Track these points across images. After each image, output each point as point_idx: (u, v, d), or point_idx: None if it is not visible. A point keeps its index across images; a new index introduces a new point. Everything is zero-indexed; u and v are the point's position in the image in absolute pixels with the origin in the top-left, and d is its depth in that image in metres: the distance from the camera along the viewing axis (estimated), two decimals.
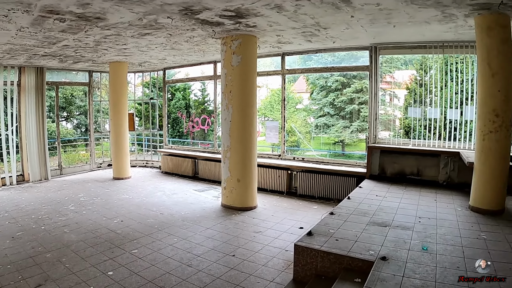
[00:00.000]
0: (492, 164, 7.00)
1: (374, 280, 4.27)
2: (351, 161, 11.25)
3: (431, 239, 5.64)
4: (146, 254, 6.42)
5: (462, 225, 6.37)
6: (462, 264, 4.80)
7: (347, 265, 4.98)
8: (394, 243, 5.43)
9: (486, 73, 6.93)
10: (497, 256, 5.11)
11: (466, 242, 5.61)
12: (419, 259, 4.91)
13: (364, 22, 7.65)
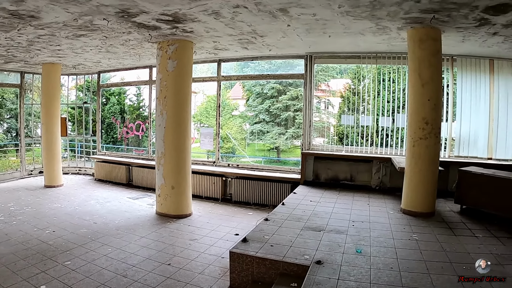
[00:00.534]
0: (422, 169, 7.36)
1: (310, 284, 4.33)
2: (285, 167, 11.40)
3: (365, 242, 5.81)
4: (79, 265, 6.13)
5: (395, 227, 6.63)
6: (395, 264, 4.99)
7: (283, 270, 5.01)
8: (328, 247, 5.53)
9: (417, 83, 7.30)
10: (429, 255, 5.38)
11: (399, 243, 5.84)
12: (354, 261, 5.03)
13: (301, 31, 7.79)
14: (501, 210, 7.18)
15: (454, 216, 7.54)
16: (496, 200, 7.21)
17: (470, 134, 9.69)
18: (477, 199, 7.53)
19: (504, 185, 7.11)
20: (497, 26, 6.82)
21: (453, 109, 9.86)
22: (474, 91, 9.67)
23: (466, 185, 7.68)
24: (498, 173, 7.53)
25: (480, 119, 9.71)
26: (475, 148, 9.72)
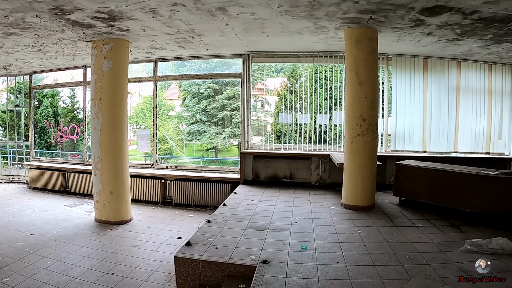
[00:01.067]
0: (361, 164, 7.58)
1: (258, 284, 4.31)
2: (225, 167, 11.34)
3: (309, 238, 5.88)
4: (19, 281, 5.70)
5: (337, 222, 6.78)
6: (341, 259, 5.09)
7: (230, 272, 4.96)
8: (273, 246, 5.54)
9: (354, 81, 7.50)
10: (373, 248, 5.56)
11: (342, 238, 5.97)
12: (300, 258, 5.07)
13: (239, 31, 7.79)
14: (438, 200, 7.61)
15: (393, 208, 7.86)
16: (433, 191, 7.64)
17: (405, 129, 10.16)
18: (415, 191, 7.92)
19: (440, 176, 7.56)
20: (432, 27, 7.16)
21: (388, 106, 10.27)
22: (409, 88, 10.13)
23: (404, 178, 8.07)
24: (434, 165, 7.99)
25: (414, 114, 10.20)
26: (410, 142, 10.22)
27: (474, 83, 10.67)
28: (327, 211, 7.54)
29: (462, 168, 7.78)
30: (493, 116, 10.92)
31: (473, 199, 7.17)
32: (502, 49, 8.90)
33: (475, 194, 7.16)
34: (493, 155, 10.96)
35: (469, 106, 10.68)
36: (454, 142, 10.64)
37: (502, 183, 6.97)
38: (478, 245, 5.61)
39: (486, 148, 10.93)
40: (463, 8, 6.07)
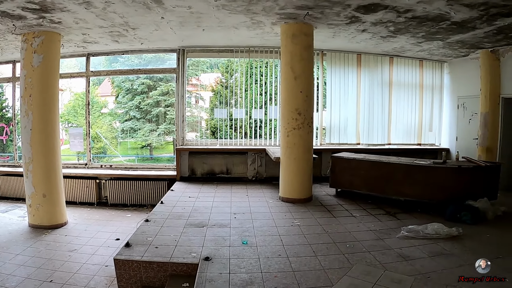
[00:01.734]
0: (297, 158, 7.70)
1: (202, 282, 4.26)
2: (160, 164, 11.16)
3: (249, 233, 5.90)
4: None
5: (276, 216, 6.86)
6: (282, 251, 5.16)
7: (172, 272, 4.87)
8: (214, 242, 5.51)
9: (289, 76, 7.60)
10: (313, 239, 5.69)
11: (282, 230, 6.05)
12: (242, 253, 5.08)
13: (174, 24, 7.65)
14: (373, 190, 7.99)
15: (331, 199, 8.11)
16: (368, 181, 7.97)
17: (340, 122, 10.46)
18: (350, 182, 8.22)
19: (375, 167, 7.91)
20: (367, 24, 7.38)
21: (323, 100, 10.50)
22: (343, 83, 10.43)
23: (339, 170, 8.32)
24: (369, 156, 8.33)
25: (349, 108, 10.53)
26: (345, 135, 10.54)
27: (406, 78, 11.20)
28: (265, 205, 7.61)
29: (396, 159, 8.16)
30: (424, 109, 11.52)
31: (407, 188, 7.57)
32: (433, 46, 9.35)
33: (409, 183, 7.55)
34: (425, 146, 11.60)
35: (401, 100, 11.20)
36: (388, 134, 11.11)
37: (434, 172, 7.43)
38: (414, 231, 5.92)
39: (417, 139, 11.50)
40: (397, 7, 6.29)
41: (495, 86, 9.41)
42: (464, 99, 10.92)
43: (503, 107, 9.45)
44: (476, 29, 7.43)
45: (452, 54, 10.38)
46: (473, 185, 7.46)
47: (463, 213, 6.79)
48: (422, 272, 4.66)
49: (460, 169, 7.45)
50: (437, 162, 7.68)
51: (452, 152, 11.19)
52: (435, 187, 7.44)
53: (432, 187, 7.45)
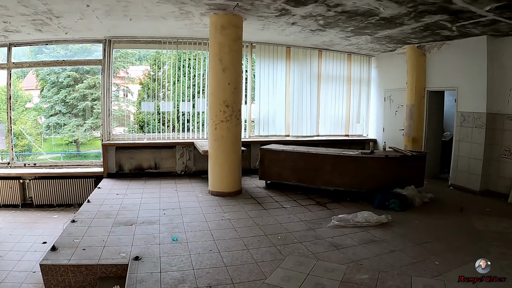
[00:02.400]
0: (226, 151, 7.61)
1: (132, 284, 4.05)
2: (86, 161, 10.56)
3: (179, 229, 5.73)
4: None
5: (206, 210, 6.74)
6: (214, 247, 5.05)
7: (101, 274, 4.60)
8: (144, 241, 5.27)
9: (217, 67, 7.47)
10: (244, 232, 5.64)
11: (213, 225, 5.94)
12: (172, 251, 4.90)
13: (100, 13, 7.24)
14: (303, 181, 8.10)
15: (260, 191, 8.11)
16: (297, 173, 8.05)
17: (269, 114, 10.48)
18: (280, 174, 8.25)
19: (303, 158, 7.97)
20: (296, 17, 7.36)
21: (252, 92, 10.44)
22: (272, 75, 10.44)
23: (269, 162, 8.33)
24: (297, 148, 8.43)
25: (277, 100, 10.56)
26: (274, 127, 10.59)
27: (335, 71, 11.41)
28: (195, 199, 7.46)
29: (325, 150, 8.32)
30: (352, 101, 11.83)
31: (336, 178, 7.73)
32: (362, 41, 9.54)
33: (338, 174, 7.71)
34: (353, 137, 11.94)
35: (330, 92, 11.42)
36: (316, 126, 11.29)
37: (362, 162, 7.65)
38: (345, 220, 6.01)
39: (346, 131, 11.80)
40: (328, 1, 6.28)
41: (421, 79, 9.83)
42: (390, 92, 11.30)
43: (428, 100, 9.89)
44: (404, 25, 7.62)
45: (379, 49, 10.68)
46: (400, 174, 7.73)
47: (392, 201, 7.01)
48: (354, 259, 4.74)
49: (388, 158, 7.68)
50: (365, 153, 7.88)
51: (379, 142, 11.57)
52: (364, 176, 7.66)
53: (361, 177, 7.67)
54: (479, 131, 8.49)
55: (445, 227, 6.14)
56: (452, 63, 9.04)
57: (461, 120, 8.93)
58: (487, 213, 7.08)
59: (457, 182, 9.05)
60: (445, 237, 5.70)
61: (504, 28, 7.41)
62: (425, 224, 6.28)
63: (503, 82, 8.15)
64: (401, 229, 5.94)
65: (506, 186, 8.16)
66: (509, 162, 8.16)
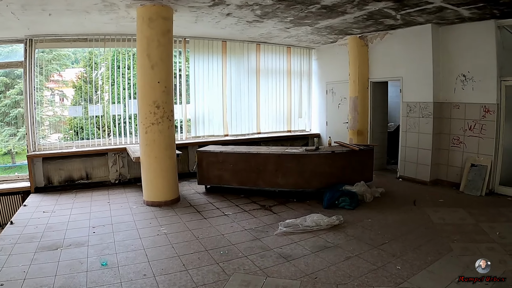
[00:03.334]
0: (159, 156, 6.94)
1: None
2: (11, 175, 9.42)
3: (110, 250, 5.02)
4: None
5: (140, 224, 6.04)
6: (148, 270, 4.40)
7: None
8: (69, 268, 4.51)
9: (146, 64, 6.75)
10: (182, 249, 5.02)
11: (147, 242, 5.27)
12: (101, 279, 4.20)
13: (16, 8, 6.39)
14: (245, 183, 7.56)
15: (200, 198, 7.51)
16: (238, 175, 7.53)
17: (205, 114, 9.89)
18: (220, 177, 7.69)
19: (244, 159, 7.47)
20: (231, 7, 6.79)
21: (187, 91, 9.77)
22: (208, 71, 9.85)
23: (207, 165, 7.74)
24: (237, 148, 7.93)
25: (214, 98, 9.98)
26: (211, 127, 10.03)
27: (274, 65, 10.98)
28: (128, 212, 6.74)
29: (266, 149, 7.84)
30: (293, 96, 11.45)
31: (280, 178, 7.29)
32: (302, 32, 9.14)
33: (282, 173, 7.27)
34: (295, 132, 11.53)
35: (270, 87, 10.98)
36: (257, 123, 10.80)
37: (307, 159, 7.21)
38: (293, 226, 5.53)
39: (288, 126, 11.39)
40: None
41: (364, 71, 9.61)
42: (332, 85, 11.06)
43: (372, 91, 9.67)
44: (347, 13, 7.27)
45: (320, 40, 10.35)
46: (348, 170, 7.44)
47: (341, 199, 6.66)
48: (307, 272, 4.26)
49: (334, 154, 7.33)
50: (309, 149, 7.48)
51: (323, 137, 11.37)
52: (310, 175, 7.25)
53: (307, 175, 7.26)
54: (426, 121, 8.36)
55: (401, 224, 5.87)
56: (396, 53, 8.92)
57: (407, 111, 8.76)
58: (441, 204, 6.94)
59: (406, 174, 8.91)
60: (402, 235, 5.39)
61: (450, 15, 7.25)
62: (379, 222, 5.95)
63: (450, 71, 8.11)
64: (355, 231, 5.56)
65: (456, 175, 8.16)
66: (458, 151, 8.16)
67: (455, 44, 7.96)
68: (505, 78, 7.35)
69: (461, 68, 7.90)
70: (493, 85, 7.43)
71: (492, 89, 7.44)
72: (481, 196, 7.44)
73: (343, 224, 5.73)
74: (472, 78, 7.75)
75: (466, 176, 7.82)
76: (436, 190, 7.89)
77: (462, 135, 8.01)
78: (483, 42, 7.49)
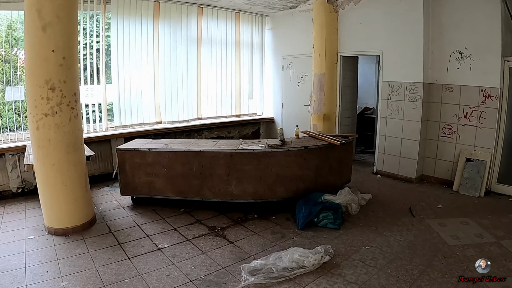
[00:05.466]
0: (58, 163, 4.63)
1: None
2: None
3: None
4: None
5: (33, 275, 3.80)
6: None
7: None
8: None
9: (35, 24, 4.34)
10: None
11: None
12: None
13: None
14: (186, 193, 5.55)
15: (124, 216, 5.41)
16: (175, 182, 5.51)
17: (132, 96, 7.66)
18: (150, 185, 5.59)
19: (181, 160, 5.44)
20: None
21: (107, 67, 7.45)
22: (134, 42, 7.61)
23: (132, 168, 5.61)
24: (172, 145, 5.74)
25: (143, 76, 7.76)
26: (140, 113, 7.83)
27: (220, 34, 8.92)
28: (21, 248, 4.44)
29: (212, 144, 5.79)
30: (242, 73, 9.53)
31: (234, 186, 5.39)
32: None
33: (237, 179, 5.39)
34: (245, 117, 9.66)
35: (214, 62, 8.97)
36: (197, 106, 8.77)
37: (271, 159, 5.34)
38: (264, 270, 3.70)
39: (236, 110, 9.55)
40: None
41: (332, 43, 7.97)
42: (290, 59, 9.26)
43: (342, 67, 8.01)
44: None
45: (278, 5, 8.56)
46: (324, 171, 5.70)
47: (322, 215, 4.91)
48: None
49: (307, 151, 5.45)
50: (273, 145, 5.52)
51: (277, 122, 9.74)
52: (275, 180, 5.38)
53: (270, 181, 5.38)
54: (414, 105, 6.87)
55: (411, 252, 4.30)
56: (375, 22, 7.39)
57: (389, 92, 7.17)
58: (442, 212, 5.61)
59: (385, 169, 7.46)
60: (421, 274, 3.85)
61: None
62: (381, 251, 4.31)
63: (441, 47, 6.67)
64: (355, 271, 3.82)
65: (447, 171, 6.85)
66: (450, 142, 6.76)
67: (451, 14, 6.48)
68: (509, 58, 5.98)
69: (456, 43, 6.46)
70: (495, 66, 6.04)
71: (495, 70, 6.06)
72: (480, 197, 6.19)
73: (335, 260, 3.98)
74: (470, 56, 6.32)
75: (461, 173, 6.48)
76: (426, 191, 6.55)
77: (455, 123, 6.63)
78: (486, 15, 6.07)
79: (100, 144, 6.84)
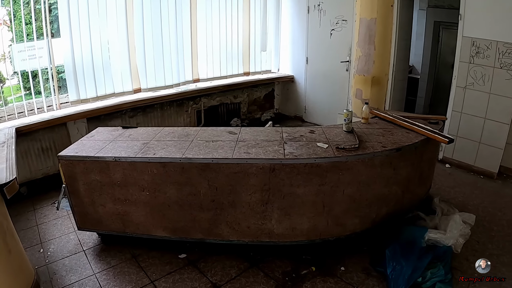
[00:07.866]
0: None
1: None
2: None
3: None
4: None
5: None
6: None
7: None
8: None
9: None
10: None
11: None
12: None
13: None
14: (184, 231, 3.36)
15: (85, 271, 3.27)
16: (167, 213, 3.27)
17: (94, 57, 5.25)
18: (124, 216, 3.36)
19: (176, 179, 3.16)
20: None
21: (51, 14, 5.01)
22: None
23: (90, 190, 3.30)
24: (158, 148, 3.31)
25: (111, 24, 5.39)
26: (109, 80, 5.49)
27: None
28: None
29: (232, 138, 3.51)
30: (253, 17, 7.26)
31: (276, 221, 3.25)
32: None
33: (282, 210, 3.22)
34: (255, 75, 7.53)
35: (216, 5, 6.66)
36: (192, 65, 6.51)
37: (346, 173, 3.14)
38: None
39: (244, 67, 7.35)
40: None
41: None
42: None
43: (399, 12, 5.68)
44: None
45: None
46: (415, 182, 3.65)
47: (431, 272, 2.96)
48: None
49: (400, 155, 3.25)
50: (346, 147, 3.15)
51: (297, 81, 7.62)
52: (347, 208, 3.20)
53: (340, 210, 3.19)
54: (508, 75, 4.77)
55: None
56: None
57: (472, 53, 5.07)
58: None
59: (456, 157, 5.49)
60: None
61: None
62: None
63: None
64: None
65: None
66: None
67: None
68: None
69: None
70: None
71: None
72: None
73: None
74: None
75: None
76: None
77: None
78: None
79: (52, 131, 4.68)
